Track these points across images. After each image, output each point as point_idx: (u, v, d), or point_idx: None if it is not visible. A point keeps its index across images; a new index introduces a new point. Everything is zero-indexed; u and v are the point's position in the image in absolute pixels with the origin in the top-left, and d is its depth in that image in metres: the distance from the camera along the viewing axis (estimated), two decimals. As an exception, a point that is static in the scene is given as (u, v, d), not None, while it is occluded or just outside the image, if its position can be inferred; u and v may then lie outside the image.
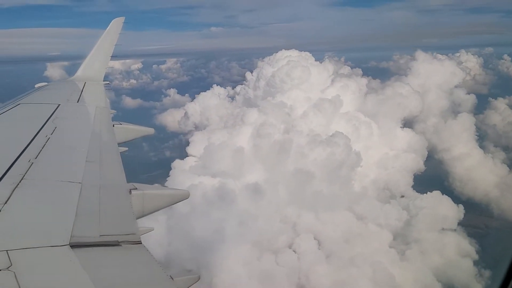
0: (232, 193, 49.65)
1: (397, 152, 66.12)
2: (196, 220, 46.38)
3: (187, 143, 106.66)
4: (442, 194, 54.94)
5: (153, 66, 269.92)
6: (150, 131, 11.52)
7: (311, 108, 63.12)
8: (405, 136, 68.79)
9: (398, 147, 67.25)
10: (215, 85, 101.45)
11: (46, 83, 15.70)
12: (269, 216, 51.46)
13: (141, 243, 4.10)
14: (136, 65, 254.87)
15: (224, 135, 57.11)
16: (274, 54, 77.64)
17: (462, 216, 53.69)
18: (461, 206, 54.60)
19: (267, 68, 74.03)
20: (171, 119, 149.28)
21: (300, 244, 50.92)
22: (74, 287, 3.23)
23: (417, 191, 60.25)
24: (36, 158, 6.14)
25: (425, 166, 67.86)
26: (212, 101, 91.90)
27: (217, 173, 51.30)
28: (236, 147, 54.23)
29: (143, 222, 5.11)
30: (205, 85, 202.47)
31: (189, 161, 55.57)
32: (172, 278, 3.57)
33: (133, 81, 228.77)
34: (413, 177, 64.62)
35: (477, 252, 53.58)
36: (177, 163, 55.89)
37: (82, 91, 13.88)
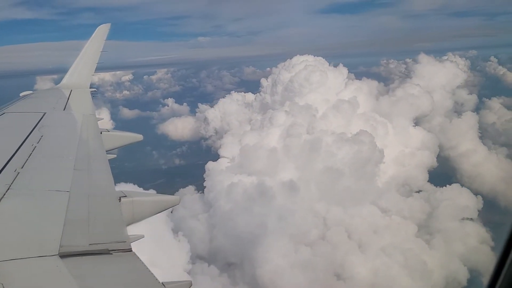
0: (267, 190, 52.71)
1: (412, 150, 69.97)
2: (237, 215, 49.27)
3: (208, 148, 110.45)
4: (462, 187, 58.57)
5: (144, 77, 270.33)
6: (139, 137, 11.26)
7: (331, 110, 66.65)
8: (418, 134, 72.72)
9: (412, 144, 71.11)
10: (233, 91, 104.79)
11: (31, 92, 15.37)
12: (301, 211, 54.61)
13: (131, 250, 4.08)
14: (126, 76, 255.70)
15: (254, 137, 60.23)
16: (288, 59, 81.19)
17: (481, 206, 57.45)
18: (479, 197, 58.34)
19: (284, 73, 77.39)
20: (173, 127, 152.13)
21: (332, 236, 54.14)
22: None
23: (434, 185, 63.99)
24: (22, 167, 6.04)
25: (437, 162, 71.86)
26: (230, 107, 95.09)
27: (252, 172, 54.30)
28: (267, 147, 57.44)
29: (134, 230, 5.14)
30: (198, 95, 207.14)
31: (222, 162, 58.47)
32: (164, 286, 3.54)
33: (126, 92, 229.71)
34: (428, 172, 68.60)
35: (493, 239, 57.43)
36: (210, 164, 58.75)
37: (68, 98, 13.64)
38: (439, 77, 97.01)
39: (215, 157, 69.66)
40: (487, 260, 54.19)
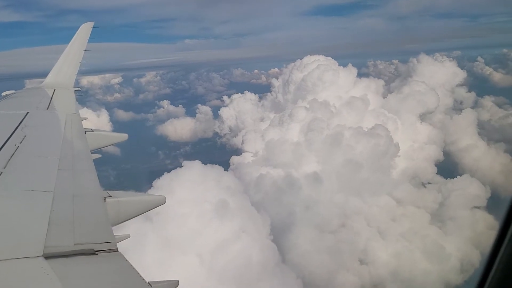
0: (293, 181, 55.95)
1: (420, 144, 73.98)
2: (269, 203, 52.23)
3: (222, 146, 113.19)
4: (472, 177, 62.59)
5: (134, 79, 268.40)
6: (124, 137, 11.23)
7: (345, 106, 70.24)
8: (424, 130, 76.76)
9: (420, 139, 75.14)
10: (246, 91, 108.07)
11: (13, 91, 15.12)
12: (323, 201, 57.97)
13: (117, 251, 4.08)
14: (116, 79, 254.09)
15: (275, 132, 63.44)
16: (298, 60, 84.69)
17: (489, 195, 61.54)
18: (488, 187, 62.42)
19: (295, 73, 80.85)
20: (172, 128, 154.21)
21: (353, 224, 57.63)
22: None
23: (444, 177, 68.04)
24: (4, 168, 6.01)
25: (443, 156, 76.04)
26: (243, 106, 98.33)
27: (277, 165, 57.50)
28: (289, 142, 60.66)
29: (120, 230, 5.17)
30: (189, 97, 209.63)
31: (246, 156, 61.53)
32: (151, 286, 3.52)
33: (117, 95, 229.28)
34: (435, 165, 72.72)
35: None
36: (234, 159, 61.80)
37: (51, 98, 13.44)
38: (438, 76, 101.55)
39: (230, 154, 72.93)
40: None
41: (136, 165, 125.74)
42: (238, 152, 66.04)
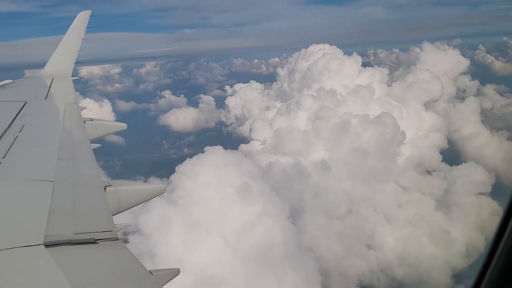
0: (303, 169, 56.91)
1: (424, 132, 74.86)
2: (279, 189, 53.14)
3: (228, 134, 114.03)
4: (477, 164, 63.54)
5: (133, 70, 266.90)
6: (123, 126, 11.15)
7: (351, 94, 70.96)
8: (429, 118, 77.56)
9: (425, 127, 75.98)
10: (252, 80, 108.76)
11: (11, 80, 14.93)
12: (331, 187, 58.98)
13: (118, 239, 4.10)
14: (115, 69, 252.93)
15: (283, 121, 64.28)
16: (303, 48, 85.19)
17: (494, 181, 62.53)
18: (492, 173, 63.40)
19: (300, 62, 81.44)
20: (175, 118, 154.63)
21: (359, 210, 58.72)
22: (49, 287, 3.18)
23: (449, 165, 69.04)
24: (4, 157, 6.01)
25: (448, 144, 77.00)
26: (248, 95, 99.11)
27: (286, 152, 58.41)
28: (298, 130, 61.50)
29: (121, 219, 5.22)
30: (190, 87, 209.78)
31: (254, 145, 62.40)
32: (152, 273, 3.58)
33: (118, 85, 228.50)
34: (440, 153, 73.72)
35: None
36: (243, 147, 62.69)
37: (50, 87, 13.36)
38: (441, 65, 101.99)
39: (237, 143, 73.80)
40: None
41: (140, 155, 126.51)
42: (244, 140, 67.06)
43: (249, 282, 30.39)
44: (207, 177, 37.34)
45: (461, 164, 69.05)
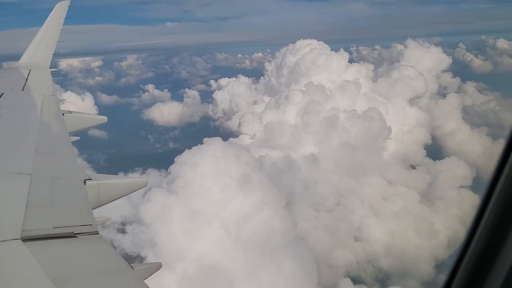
0: (292, 162, 57.92)
1: (409, 127, 76.76)
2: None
3: (216, 129, 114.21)
4: (459, 159, 65.63)
5: (114, 63, 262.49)
6: (103, 119, 10.94)
7: (338, 90, 72.25)
8: (413, 114, 79.51)
9: (409, 123, 77.89)
10: (240, 75, 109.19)
11: None
12: (318, 181, 60.16)
13: (98, 233, 4.02)
14: (96, 62, 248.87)
15: (272, 115, 65.09)
16: (291, 44, 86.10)
17: (476, 173, 64.75)
18: (474, 168, 65.60)
19: (288, 57, 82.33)
20: (159, 113, 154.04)
21: (347, 203, 60.12)
22: (28, 282, 3.06)
23: (432, 159, 71.08)
24: None
25: (431, 139, 79.17)
26: (235, 89, 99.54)
27: (276, 147, 59.34)
28: (286, 124, 62.50)
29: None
30: (173, 81, 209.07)
31: (244, 139, 63.11)
32: (133, 268, 3.51)
33: (98, 78, 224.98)
34: (424, 148, 75.82)
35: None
36: (232, 141, 63.32)
37: (27, 79, 13.01)
38: (423, 62, 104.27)
39: (224, 137, 74.24)
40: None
41: (126, 149, 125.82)
42: (233, 134, 67.82)
43: (247, 269, 31.26)
44: (206, 167, 38.07)
45: (444, 158, 71.28)
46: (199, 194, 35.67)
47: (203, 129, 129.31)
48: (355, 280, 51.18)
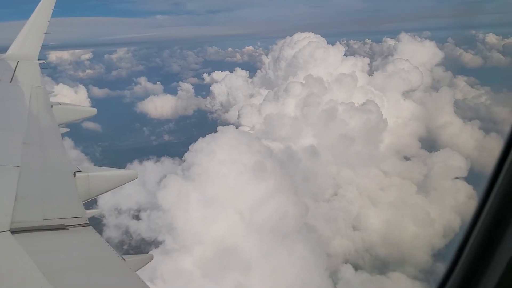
0: (290, 154, 58.89)
1: (404, 120, 78.15)
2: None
3: (214, 121, 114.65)
4: (453, 151, 67.15)
5: (105, 56, 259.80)
6: (93, 111, 10.91)
7: (335, 83, 73.28)
8: (408, 107, 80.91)
9: (404, 115, 79.25)
10: (237, 68, 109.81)
11: None
12: (316, 172, 61.25)
13: (89, 225, 3.98)
14: (86, 55, 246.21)
15: (271, 107, 65.95)
16: (288, 37, 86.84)
17: (470, 165, 66.31)
18: (468, 160, 67.16)
19: (286, 50, 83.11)
20: (152, 106, 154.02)
21: (345, 194, 61.33)
22: (18, 274, 3.02)
23: (428, 151, 72.64)
24: None
25: (426, 133, 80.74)
26: (234, 82, 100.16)
27: (275, 138, 60.28)
28: (286, 116, 63.43)
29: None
30: (164, 74, 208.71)
31: (243, 130, 63.88)
32: (124, 259, 3.47)
33: (89, 71, 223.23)
34: (419, 140, 77.34)
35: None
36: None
37: (15, 70, 12.83)
38: (417, 56, 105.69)
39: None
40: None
41: (120, 141, 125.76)
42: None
43: (261, 252, 32.25)
44: (220, 155, 38.91)
45: (439, 150, 72.85)
46: (213, 181, 36.50)
47: (198, 122, 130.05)
48: (354, 268, 52.50)
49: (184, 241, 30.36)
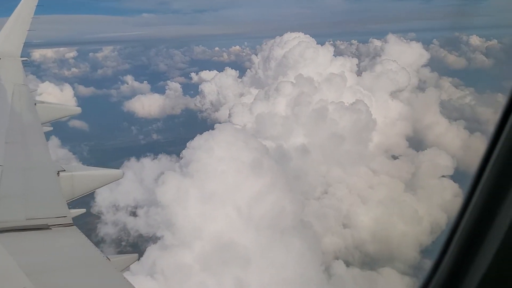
0: (281, 152, 59.58)
1: (392, 120, 79.55)
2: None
3: (204, 120, 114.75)
4: (439, 150, 68.70)
5: (90, 54, 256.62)
6: (77, 110, 10.80)
7: (325, 82, 74.25)
8: (395, 107, 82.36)
9: (392, 115, 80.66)
10: (227, 67, 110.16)
11: None
12: (307, 170, 62.09)
13: (73, 225, 3.93)
14: (70, 53, 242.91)
15: (262, 106, 66.59)
16: (278, 37, 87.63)
17: (456, 164, 67.88)
18: (454, 159, 68.72)
19: (276, 49, 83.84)
20: (140, 105, 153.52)
21: (335, 192, 62.30)
22: (0, 274, 2.95)
23: (415, 150, 74.12)
24: None
25: (413, 132, 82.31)
26: (223, 81, 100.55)
27: (266, 137, 60.93)
28: (276, 115, 64.14)
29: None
30: (150, 73, 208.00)
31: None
32: (109, 259, 3.43)
33: (74, 69, 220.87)
34: (406, 139, 78.84)
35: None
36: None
37: None
38: (404, 57, 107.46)
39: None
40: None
41: (107, 140, 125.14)
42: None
43: (259, 247, 32.84)
44: (218, 152, 39.40)
45: (426, 149, 74.41)
46: (211, 177, 36.97)
47: (186, 121, 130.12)
48: (346, 264, 53.42)
49: (183, 236, 30.81)
